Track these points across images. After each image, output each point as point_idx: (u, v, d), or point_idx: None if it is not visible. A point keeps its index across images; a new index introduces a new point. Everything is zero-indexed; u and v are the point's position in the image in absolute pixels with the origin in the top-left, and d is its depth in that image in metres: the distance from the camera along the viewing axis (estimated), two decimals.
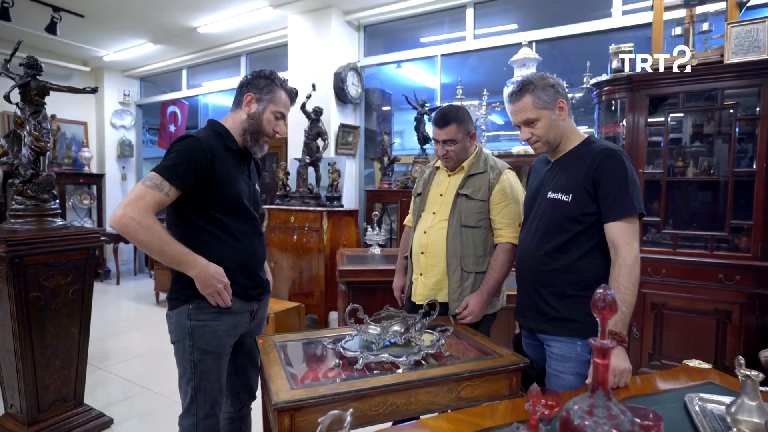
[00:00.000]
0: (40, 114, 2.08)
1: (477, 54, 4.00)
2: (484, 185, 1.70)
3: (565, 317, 1.34)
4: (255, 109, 1.44)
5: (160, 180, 1.28)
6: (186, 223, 1.38)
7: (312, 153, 3.80)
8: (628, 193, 1.25)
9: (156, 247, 1.28)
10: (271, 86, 1.45)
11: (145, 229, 1.25)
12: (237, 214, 1.43)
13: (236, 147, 1.45)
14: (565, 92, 1.39)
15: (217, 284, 1.34)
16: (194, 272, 1.32)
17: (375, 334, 1.36)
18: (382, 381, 1.19)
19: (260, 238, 1.54)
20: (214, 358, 1.41)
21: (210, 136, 1.40)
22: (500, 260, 1.67)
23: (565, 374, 1.34)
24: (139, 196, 1.26)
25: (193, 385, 1.39)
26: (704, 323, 2.50)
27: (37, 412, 2.04)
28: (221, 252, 1.39)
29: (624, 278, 1.20)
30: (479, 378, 1.29)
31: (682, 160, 2.69)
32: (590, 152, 1.33)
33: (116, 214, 1.25)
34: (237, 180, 1.43)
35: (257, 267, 1.53)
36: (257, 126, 1.45)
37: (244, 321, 1.49)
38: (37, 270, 1.98)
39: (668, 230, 2.66)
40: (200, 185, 1.34)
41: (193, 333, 1.38)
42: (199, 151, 1.33)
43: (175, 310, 1.41)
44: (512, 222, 1.68)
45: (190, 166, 1.30)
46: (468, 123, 1.72)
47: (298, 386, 1.17)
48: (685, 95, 2.54)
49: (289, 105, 1.50)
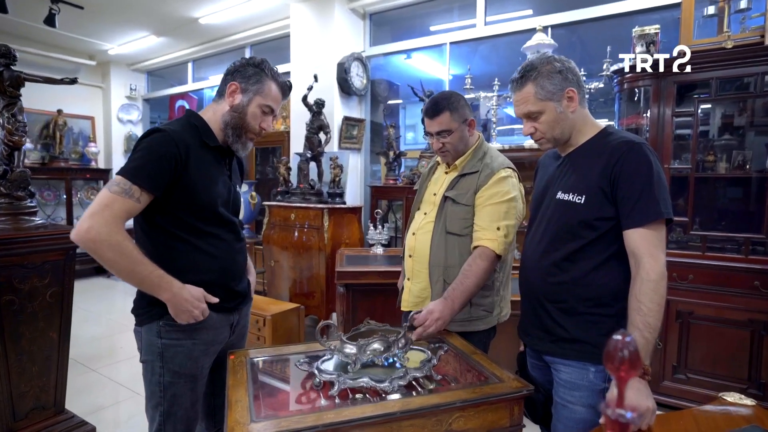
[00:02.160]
0: (15, 106, 1.96)
1: (488, 42, 3.77)
2: (471, 188, 1.48)
3: (576, 338, 1.15)
4: (239, 100, 1.26)
5: (129, 185, 1.10)
6: (155, 229, 1.21)
7: (313, 147, 3.64)
8: (653, 194, 1.04)
9: (125, 268, 1.11)
10: (259, 76, 1.27)
11: (112, 246, 1.08)
12: (212, 219, 1.26)
13: (215, 143, 1.27)
14: (576, 78, 1.16)
15: (192, 310, 1.18)
16: (167, 296, 1.15)
17: (351, 353, 1.18)
18: (357, 413, 1.02)
19: (240, 244, 1.36)
20: (188, 381, 1.25)
21: (183, 130, 1.21)
22: (477, 266, 1.38)
23: (575, 405, 1.15)
24: (106, 205, 1.08)
25: (162, 411, 1.23)
26: (736, 335, 2.26)
27: (12, 421, 1.94)
28: (195, 261, 1.23)
29: (647, 297, 0.99)
30: (474, 408, 1.11)
31: (713, 154, 2.43)
32: (608, 145, 1.12)
33: (81, 227, 1.07)
34: (214, 182, 1.25)
35: (236, 276, 1.35)
36: (240, 120, 1.27)
37: (222, 337, 1.33)
38: (10, 272, 1.87)
39: (696, 231, 2.42)
40: (172, 186, 1.16)
41: (164, 353, 1.22)
42: (171, 146, 1.15)
43: (144, 326, 1.24)
44: (490, 224, 1.41)
45: (162, 164, 1.13)
46: (464, 109, 1.50)
47: (259, 418, 1.01)
48: (718, 82, 2.29)
49: (280, 99, 1.32)
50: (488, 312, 1.53)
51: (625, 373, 0.47)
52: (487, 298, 1.53)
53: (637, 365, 0.46)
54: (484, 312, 1.52)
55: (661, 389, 2.44)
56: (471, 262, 1.41)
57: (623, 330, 0.47)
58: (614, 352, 0.47)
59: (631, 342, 0.46)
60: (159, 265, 1.19)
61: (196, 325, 1.22)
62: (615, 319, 1.11)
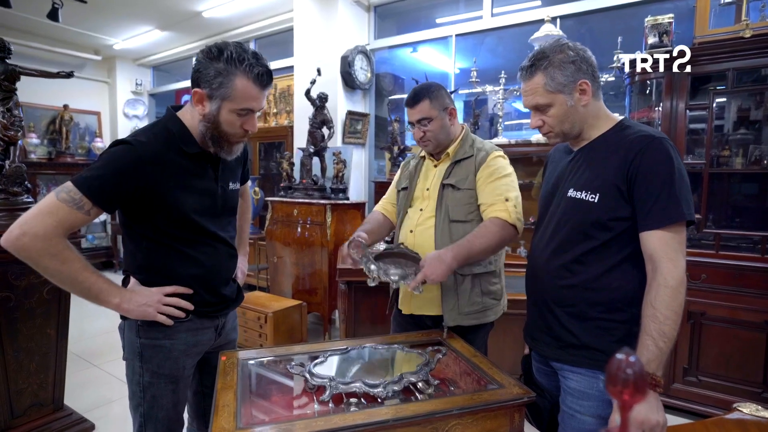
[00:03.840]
0: (11, 100, 1.93)
1: (495, 33, 3.68)
2: (471, 171, 1.46)
3: (586, 345, 1.08)
4: (208, 109, 1.09)
5: (79, 195, 1.01)
6: (136, 235, 1.15)
7: (316, 142, 3.58)
8: (674, 194, 0.96)
9: (67, 277, 1.04)
10: (224, 76, 1.05)
11: (51, 255, 1.00)
12: (191, 229, 1.16)
13: (194, 150, 1.14)
14: (591, 69, 1.08)
15: (149, 311, 1.11)
16: (116, 301, 1.09)
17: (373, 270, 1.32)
18: (347, 420, 0.97)
19: (227, 248, 1.27)
20: (169, 383, 1.20)
21: (155, 139, 1.10)
22: (488, 229, 1.33)
23: (583, 415, 1.08)
24: (49, 212, 1.00)
25: (142, 412, 1.20)
26: (751, 337, 2.18)
27: (10, 418, 1.93)
28: (177, 268, 1.17)
29: (663, 304, 0.92)
30: (472, 415, 1.05)
31: (728, 148, 2.34)
32: (625, 140, 1.04)
33: (11, 234, 0.98)
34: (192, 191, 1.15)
35: (223, 281, 1.28)
36: (215, 130, 1.11)
37: (206, 338, 1.27)
38: (5, 268, 1.85)
39: (710, 229, 2.33)
40: (137, 201, 1.08)
41: (143, 353, 1.17)
42: (132, 163, 1.04)
43: (126, 321, 1.20)
44: (496, 198, 1.39)
45: (118, 181, 1.04)
46: (443, 98, 1.49)
47: (247, 425, 0.97)
48: (734, 73, 2.19)
49: (258, 93, 1.10)
50: (497, 300, 1.51)
51: (629, 397, 0.41)
52: (495, 284, 1.51)
53: (642, 389, 0.40)
54: (494, 300, 1.50)
55: (671, 392, 2.36)
56: (482, 226, 1.36)
57: (627, 348, 0.41)
58: (617, 373, 0.41)
59: (636, 362, 0.41)
60: (143, 270, 1.16)
61: (175, 326, 1.17)
62: (628, 326, 1.04)
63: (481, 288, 1.47)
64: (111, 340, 3.47)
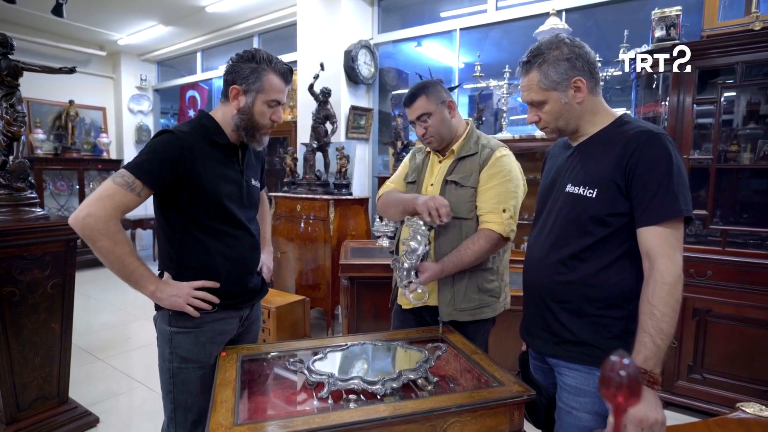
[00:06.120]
0: (13, 96, 1.94)
1: (500, 27, 3.63)
2: (475, 169, 1.45)
3: (582, 341, 1.07)
4: (244, 102, 1.27)
5: (132, 178, 1.15)
6: (170, 227, 1.27)
7: (320, 137, 3.57)
8: (672, 189, 0.95)
9: (117, 257, 1.15)
10: (257, 72, 1.26)
11: (108, 235, 1.13)
12: (223, 216, 1.29)
13: (225, 141, 1.30)
14: (587, 66, 1.06)
15: (179, 301, 1.22)
16: (151, 288, 1.21)
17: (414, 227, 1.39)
18: (345, 417, 0.97)
19: (252, 240, 1.38)
20: (196, 369, 1.28)
21: (193, 131, 1.26)
22: (478, 244, 1.39)
23: (580, 411, 1.08)
24: (108, 195, 1.13)
25: (172, 398, 1.28)
26: (757, 335, 2.15)
27: (16, 411, 1.95)
28: (207, 259, 1.28)
29: (660, 300, 0.91)
30: (471, 413, 1.05)
31: (736, 143, 2.30)
32: (623, 135, 1.03)
33: (79, 214, 1.12)
34: (224, 179, 1.29)
35: (248, 273, 1.38)
36: (249, 121, 1.29)
37: (230, 328, 1.35)
38: (10, 263, 1.86)
39: (716, 226, 2.30)
40: (178, 186, 1.21)
41: (172, 340, 1.27)
42: (176, 148, 1.19)
43: (159, 312, 1.30)
44: (495, 206, 1.41)
45: (165, 164, 1.18)
46: (439, 92, 1.48)
47: (244, 422, 0.97)
48: (743, 67, 2.15)
49: (284, 88, 1.31)
50: (495, 298, 1.51)
51: (623, 401, 0.40)
52: (493, 282, 1.51)
53: (637, 392, 0.39)
54: (492, 298, 1.50)
55: (675, 389, 2.34)
56: (474, 239, 1.42)
57: (621, 351, 0.40)
58: (611, 376, 0.40)
59: (630, 365, 0.40)
60: (175, 263, 1.27)
61: (202, 316, 1.26)
62: (625, 322, 1.03)
63: (477, 285, 1.47)
64: (116, 335, 3.50)
